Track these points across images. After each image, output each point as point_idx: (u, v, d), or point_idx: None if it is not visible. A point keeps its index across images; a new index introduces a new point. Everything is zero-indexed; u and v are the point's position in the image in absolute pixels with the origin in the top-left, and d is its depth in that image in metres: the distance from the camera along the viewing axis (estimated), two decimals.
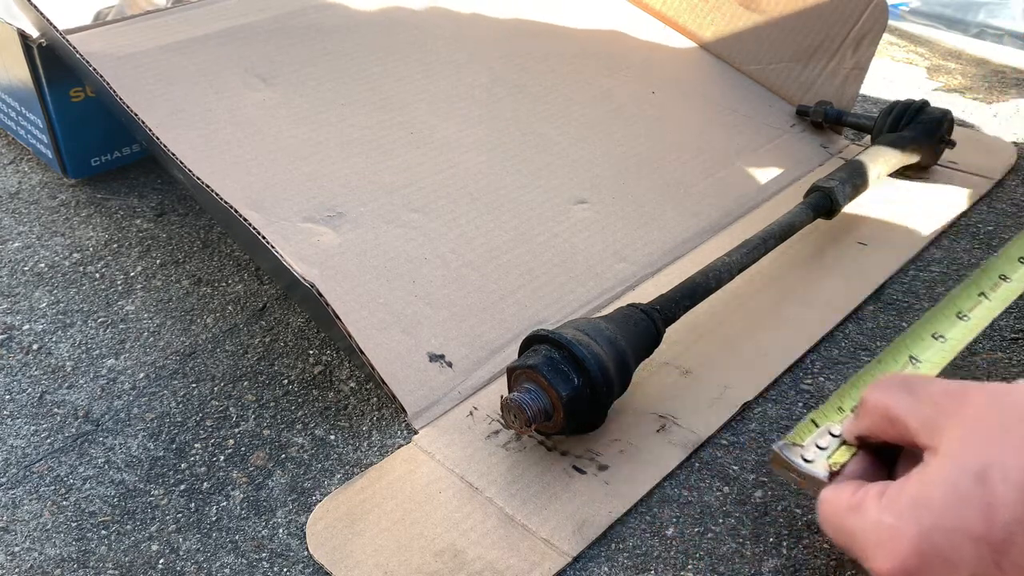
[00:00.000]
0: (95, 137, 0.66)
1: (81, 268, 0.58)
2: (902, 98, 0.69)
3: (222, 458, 0.44)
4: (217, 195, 0.46)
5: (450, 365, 0.47)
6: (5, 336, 0.52)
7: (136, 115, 0.51)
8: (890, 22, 0.74)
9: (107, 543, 0.40)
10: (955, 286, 0.44)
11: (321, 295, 0.43)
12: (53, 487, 0.43)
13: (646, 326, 0.45)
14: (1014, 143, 0.72)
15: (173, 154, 0.49)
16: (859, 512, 0.30)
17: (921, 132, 0.65)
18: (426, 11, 0.73)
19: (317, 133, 0.59)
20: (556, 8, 0.79)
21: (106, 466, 0.44)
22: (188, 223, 0.63)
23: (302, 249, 0.50)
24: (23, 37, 0.59)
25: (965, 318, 0.42)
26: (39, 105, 0.62)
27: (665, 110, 0.70)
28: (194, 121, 0.56)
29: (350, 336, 0.44)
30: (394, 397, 0.45)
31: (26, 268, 0.58)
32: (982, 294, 0.43)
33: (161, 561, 0.39)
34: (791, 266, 0.57)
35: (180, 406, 0.47)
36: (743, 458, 0.44)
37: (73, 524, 0.41)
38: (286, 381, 0.49)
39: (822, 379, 0.49)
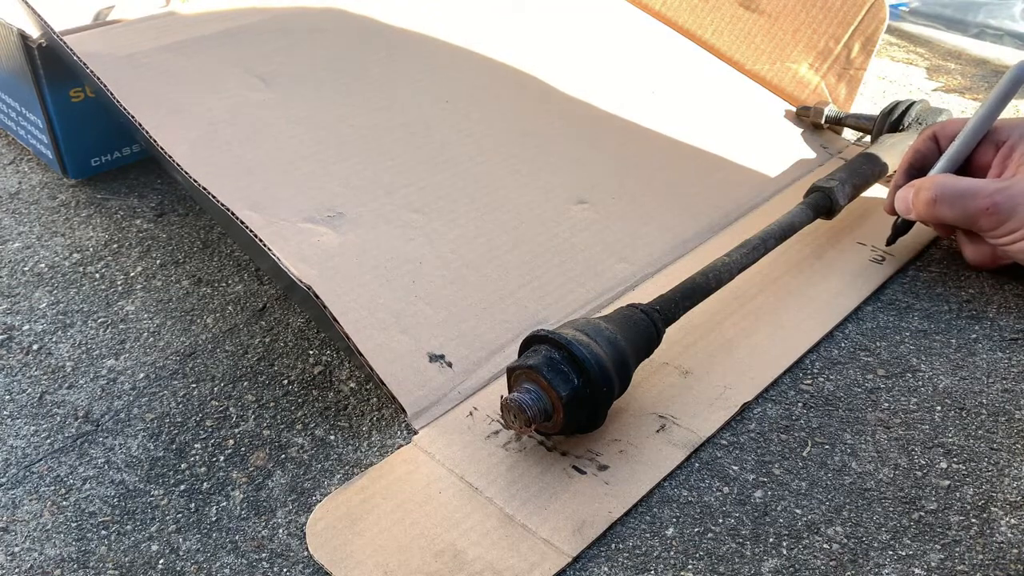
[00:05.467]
0: (95, 137, 0.66)
1: (81, 268, 0.58)
2: (902, 98, 0.69)
3: (222, 458, 0.44)
4: (214, 197, 0.46)
5: (450, 365, 0.47)
6: (5, 336, 0.52)
7: (133, 116, 0.51)
8: (890, 22, 0.74)
9: (107, 543, 0.40)
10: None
11: (318, 297, 0.43)
12: (53, 487, 0.43)
13: (646, 326, 0.45)
14: None
15: (170, 156, 0.49)
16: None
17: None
18: (426, 12, 0.73)
19: (317, 133, 0.59)
20: (556, 9, 0.79)
21: (106, 466, 0.44)
22: (188, 223, 0.63)
23: (302, 249, 0.50)
24: (23, 37, 0.59)
25: None
26: (39, 105, 0.62)
27: (665, 110, 0.70)
28: (194, 121, 0.57)
29: (348, 337, 0.44)
30: (394, 397, 0.45)
31: (26, 268, 0.58)
32: None
33: (161, 561, 0.39)
34: (791, 266, 0.57)
35: (180, 406, 0.47)
36: (743, 458, 0.44)
37: (73, 524, 0.41)
38: (286, 381, 0.49)
39: (822, 379, 0.49)
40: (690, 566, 0.38)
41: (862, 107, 0.79)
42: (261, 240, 0.44)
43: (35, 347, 0.52)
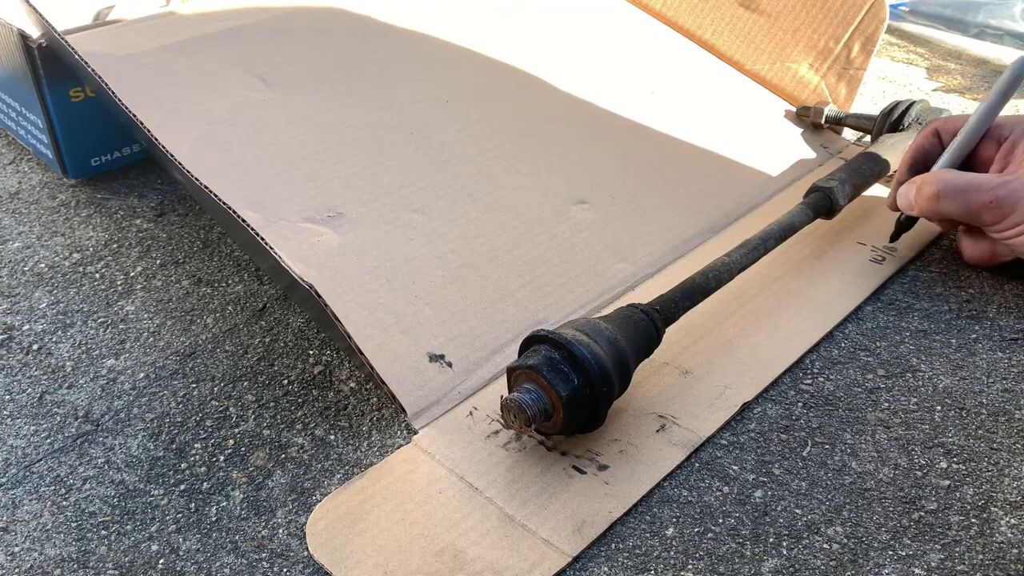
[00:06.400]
0: (95, 137, 0.66)
1: (81, 268, 0.58)
2: (902, 98, 0.69)
3: (222, 458, 0.44)
4: (216, 196, 0.46)
5: (450, 365, 0.47)
6: (5, 336, 0.52)
7: (135, 116, 0.51)
8: (890, 22, 0.74)
9: (107, 543, 0.40)
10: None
11: (320, 296, 0.43)
12: (53, 487, 0.43)
13: (646, 326, 0.45)
14: None
15: (172, 155, 0.49)
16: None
17: None
18: (426, 12, 0.73)
19: (317, 133, 0.59)
20: (556, 9, 0.79)
21: (106, 466, 0.44)
22: (188, 223, 0.63)
23: (302, 249, 0.50)
24: (23, 37, 0.59)
25: None
26: (39, 105, 0.62)
27: (665, 110, 0.70)
28: (194, 121, 0.57)
29: (349, 337, 0.44)
30: (394, 397, 0.45)
31: (26, 268, 0.58)
32: None
33: (161, 561, 0.39)
34: (791, 266, 0.57)
35: (180, 406, 0.47)
36: (743, 458, 0.44)
37: (73, 524, 0.41)
38: (286, 381, 0.49)
39: (822, 379, 0.49)
40: (690, 566, 0.38)
41: (862, 107, 0.79)
42: (263, 239, 0.44)
43: (35, 347, 0.52)
